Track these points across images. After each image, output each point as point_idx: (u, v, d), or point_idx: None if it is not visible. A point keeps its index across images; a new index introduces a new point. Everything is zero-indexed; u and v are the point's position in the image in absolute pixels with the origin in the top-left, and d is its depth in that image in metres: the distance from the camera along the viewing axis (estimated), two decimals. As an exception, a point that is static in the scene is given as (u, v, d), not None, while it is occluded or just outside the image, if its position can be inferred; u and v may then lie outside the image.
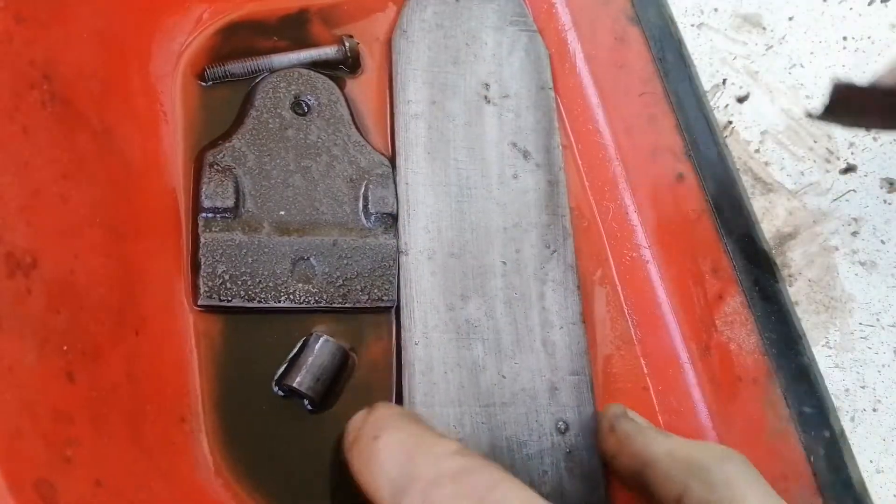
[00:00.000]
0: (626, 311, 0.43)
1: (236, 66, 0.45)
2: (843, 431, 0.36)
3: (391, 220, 0.43)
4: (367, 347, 0.41)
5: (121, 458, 0.34)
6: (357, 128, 0.44)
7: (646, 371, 0.42)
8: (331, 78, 0.45)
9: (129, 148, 0.41)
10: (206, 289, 0.39)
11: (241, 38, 0.47)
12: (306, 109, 0.44)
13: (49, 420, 0.31)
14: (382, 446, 0.30)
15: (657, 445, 0.34)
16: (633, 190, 0.45)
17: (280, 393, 0.39)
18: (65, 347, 0.33)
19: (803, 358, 0.38)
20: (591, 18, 0.48)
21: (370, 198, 0.43)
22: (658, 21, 0.45)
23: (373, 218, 0.43)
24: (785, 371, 0.38)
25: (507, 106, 0.45)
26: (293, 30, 0.47)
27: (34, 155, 0.34)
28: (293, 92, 0.44)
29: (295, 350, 0.40)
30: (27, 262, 0.32)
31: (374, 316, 0.41)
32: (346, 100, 0.45)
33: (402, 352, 0.40)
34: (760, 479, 0.31)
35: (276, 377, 0.39)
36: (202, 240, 0.40)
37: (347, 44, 0.46)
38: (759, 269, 0.40)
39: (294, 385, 0.38)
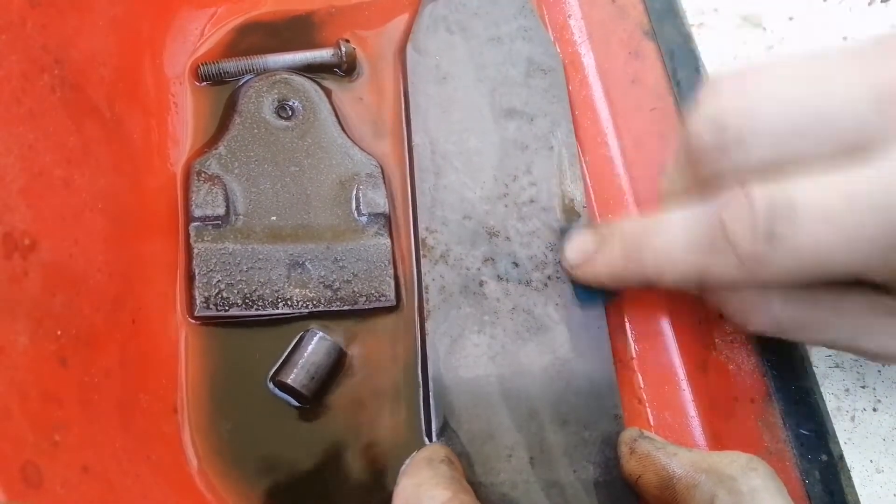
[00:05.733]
0: (626, 325, 0.43)
1: (230, 65, 0.45)
2: (841, 455, 0.36)
3: (384, 221, 0.43)
4: (364, 347, 0.41)
5: (109, 445, 0.34)
6: (344, 130, 0.44)
7: (642, 385, 0.41)
8: (325, 81, 0.46)
9: (138, 138, 0.42)
10: (203, 299, 0.39)
11: (255, 38, 0.47)
12: (290, 113, 0.44)
13: (39, 403, 0.31)
14: (399, 490, 0.33)
15: (680, 458, 0.34)
16: (638, 205, 0.45)
17: (274, 390, 0.39)
18: (59, 331, 0.33)
19: (805, 381, 0.38)
20: (606, 31, 0.48)
21: (361, 199, 0.43)
22: (675, 37, 0.44)
23: (365, 219, 0.43)
24: (784, 393, 0.37)
25: (522, 115, 0.45)
26: (304, 31, 0.47)
27: (39, 138, 0.34)
28: (276, 96, 0.44)
29: (290, 347, 0.39)
30: (25, 243, 0.32)
31: (372, 316, 0.41)
32: (332, 102, 0.45)
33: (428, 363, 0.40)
34: (783, 492, 0.32)
35: (270, 374, 0.39)
36: (195, 250, 0.40)
37: (344, 48, 0.46)
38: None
39: (288, 381, 0.38)
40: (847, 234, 0.28)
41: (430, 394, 0.39)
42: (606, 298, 0.42)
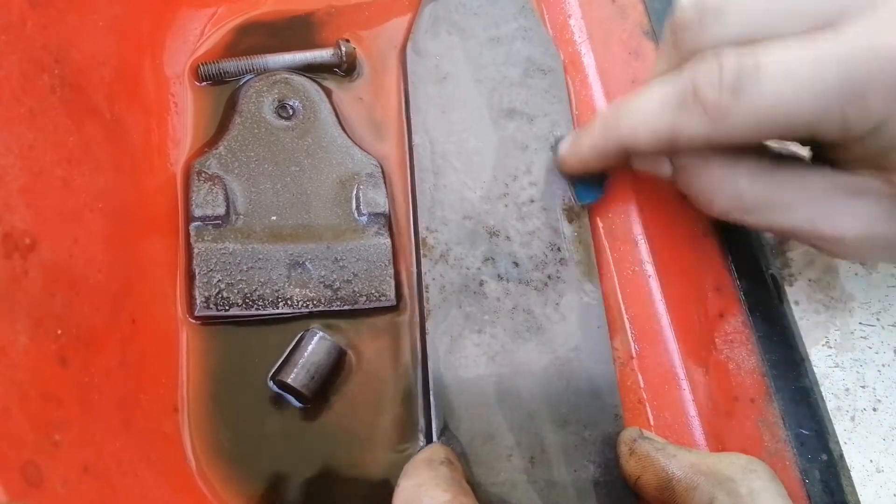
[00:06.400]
0: (626, 325, 0.43)
1: (230, 65, 0.45)
2: (841, 455, 0.36)
3: (384, 220, 0.43)
4: (365, 347, 0.41)
5: (110, 445, 0.34)
6: (344, 130, 0.44)
7: (642, 385, 0.41)
8: (325, 81, 0.46)
9: (138, 138, 0.42)
10: (203, 299, 0.39)
11: (255, 38, 0.47)
12: (291, 113, 0.44)
13: (39, 403, 0.30)
14: (399, 491, 0.33)
15: (679, 460, 0.35)
16: (638, 204, 0.45)
17: (275, 389, 0.39)
18: (59, 331, 0.33)
19: (805, 380, 0.38)
20: (606, 31, 0.48)
21: (361, 199, 0.43)
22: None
23: (365, 219, 0.43)
24: (784, 392, 0.37)
25: (522, 115, 0.45)
26: (304, 31, 0.47)
27: (39, 138, 0.34)
28: (276, 96, 0.44)
29: (290, 347, 0.39)
30: (26, 243, 0.32)
31: (372, 316, 0.41)
32: (332, 102, 0.45)
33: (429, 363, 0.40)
34: (783, 493, 0.32)
35: (270, 373, 0.39)
36: (195, 249, 0.40)
37: (344, 48, 0.46)
38: (764, 290, 0.40)
39: (288, 381, 0.38)
40: (807, 87, 0.30)
41: (431, 394, 0.39)
42: (601, 188, 0.44)
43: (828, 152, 0.34)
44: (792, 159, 0.36)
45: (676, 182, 0.38)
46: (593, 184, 0.43)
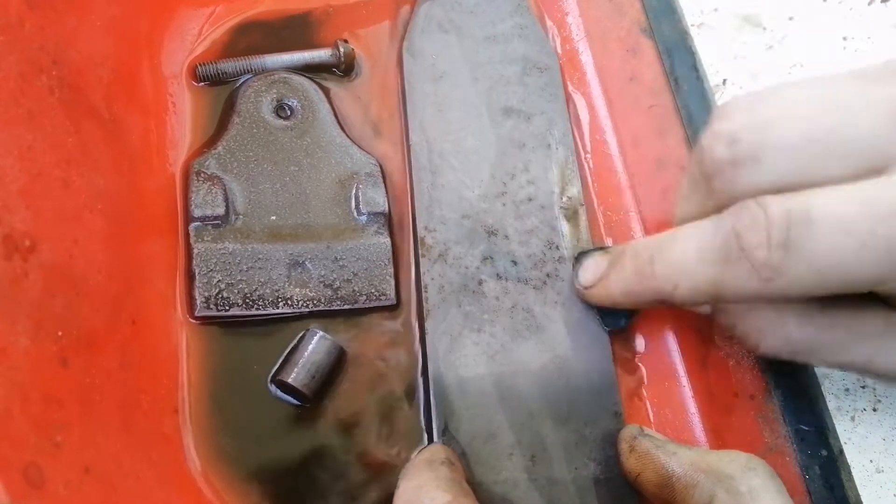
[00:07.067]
0: (625, 322, 0.43)
1: (228, 66, 0.45)
2: (841, 451, 0.36)
3: (383, 220, 0.43)
4: (365, 346, 0.41)
5: (111, 446, 0.34)
6: (343, 129, 0.45)
7: (643, 382, 0.41)
8: (324, 81, 0.46)
9: (136, 138, 0.42)
10: (203, 299, 0.39)
11: (253, 38, 0.47)
12: (289, 113, 0.44)
13: (40, 404, 0.30)
14: (399, 492, 0.33)
15: (679, 457, 0.35)
16: (637, 201, 0.45)
17: (275, 389, 0.39)
18: (59, 332, 0.33)
19: (805, 376, 0.38)
20: (604, 29, 0.48)
21: (361, 198, 0.43)
22: (672, 34, 0.44)
23: (365, 218, 0.43)
24: (784, 389, 0.37)
25: (519, 114, 0.45)
26: (302, 31, 0.47)
27: (38, 139, 0.34)
28: (275, 96, 0.44)
29: (290, 346, 0.39)
30: (26, 245, 0.32)
31: (372, 315, 0.41)
32: (330, 102, 0.45)
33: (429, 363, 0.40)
34: (783, 491, 0.32)
35: (270, 373, 0.39)
36: (195, 250, 0.40)
37: (342, 48, 0.46)
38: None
39: (288, 381, 0.38)
40: (863, 241, 0.27)
41: (431, 393, 0.39)
42: (627, 319, 0.41)
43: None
44: (844, 298, 0.32)
45: (716, 321, 0.37)
46: (620, 311, 0.41)
